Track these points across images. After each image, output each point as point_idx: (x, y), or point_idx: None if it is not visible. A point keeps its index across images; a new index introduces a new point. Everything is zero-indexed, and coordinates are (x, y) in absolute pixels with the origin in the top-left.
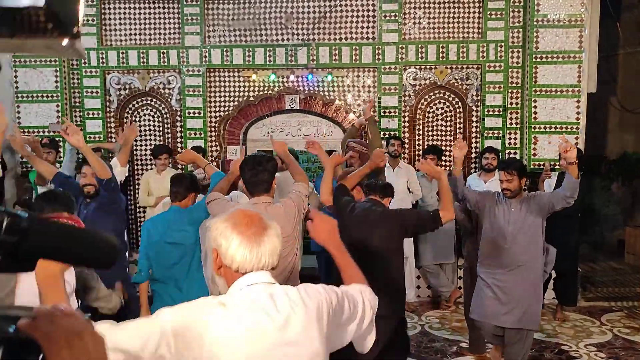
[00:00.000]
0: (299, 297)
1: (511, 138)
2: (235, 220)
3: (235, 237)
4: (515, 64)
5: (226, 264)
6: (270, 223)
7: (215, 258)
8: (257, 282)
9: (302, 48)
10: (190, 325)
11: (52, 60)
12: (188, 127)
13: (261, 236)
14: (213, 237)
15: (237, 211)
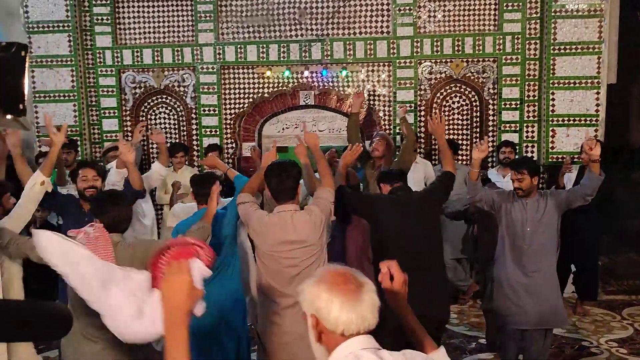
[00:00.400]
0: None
1: (528, 131)
2: (329, 279)
3: (335, 297)
4: (532, 56)
5: (329, 329)
6: (363, 279)
7: (314, 325)
8: (366, 348)
9: (317, 43)
10: None
11: (68, 60)
12: (203, 125)
13: (360, 293)
14: (309, 302)
15: (327, 271)
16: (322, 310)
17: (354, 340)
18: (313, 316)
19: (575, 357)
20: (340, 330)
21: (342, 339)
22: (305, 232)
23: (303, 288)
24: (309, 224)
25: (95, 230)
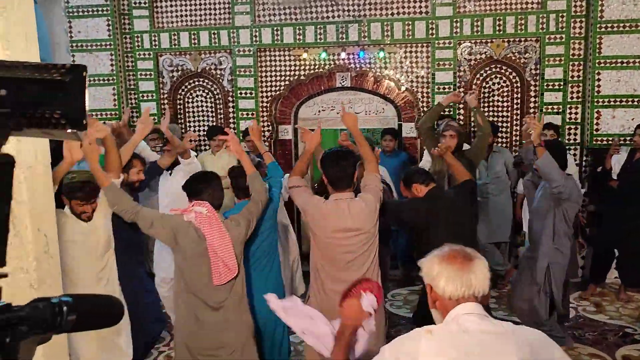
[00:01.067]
0: (512, 332)
1: (572, 113)
2: (442, 254)
3: (445, 268)
4: (577, 35)
5: (441, 296)
6: (475, 254)
7: (429, 293)
8: (471, 313)
9: (354, 25)
10: (403, 355)
11: (108, 44)
12: (240, 108)
13: (470, 265)
14: (425, 274)
15: (443, 249)
16: (435, 279)
17: (461, 306)
18: (429, 285)
19: (619, 344)
20: (447, 296)
21: (451, 305)
22: (361, 220)
23: (422, 262)
24: (365, 212)
25: (208, 211)
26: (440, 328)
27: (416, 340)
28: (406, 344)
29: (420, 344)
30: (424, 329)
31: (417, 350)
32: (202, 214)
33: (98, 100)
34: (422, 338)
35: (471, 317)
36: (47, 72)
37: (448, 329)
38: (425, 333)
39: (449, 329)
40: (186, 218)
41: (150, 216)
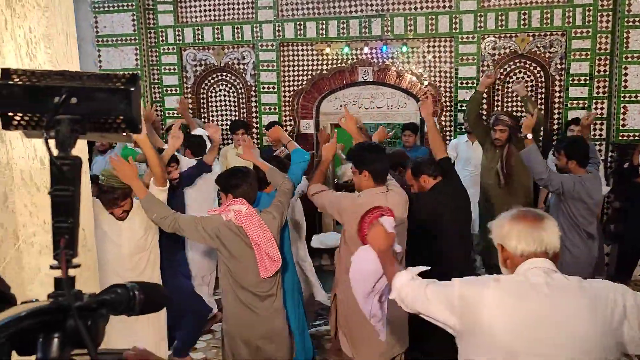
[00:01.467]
0: (579, 286)
1: (597, 108)
2: (512, 215)
3: (516, 226)
4: (604, 29)
5: (511, 252)
6: (544, 214)
7: (500, 252)
8: (540, 267)
9: (377, 19)
10: (470, 293)
11: (132, 39)
12: (263, 102)
13: (540, 223)
14: (496, 234)
15: (515, 210)
16: (506, 238)
17: (531, 261)
18: (499, 245)
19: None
20: (519, 253)
21: (522, 260)
22: (399, 211)
23: (492, 224)
24: (402, 203)
25: (247, 208)
26: (508, 278)
27: (484, 286)
28: (475, 286)
29: (487, 290)
30: (492, 277)
31: (482, 294)
32: (241, 212)
33: None
34: (490, 285)
35: (539, 272)
36: (111, 81)
37: (515, 279)
38: (493, 281)
39: (516, 280)
40: (225, 217)
41: (190, 222)
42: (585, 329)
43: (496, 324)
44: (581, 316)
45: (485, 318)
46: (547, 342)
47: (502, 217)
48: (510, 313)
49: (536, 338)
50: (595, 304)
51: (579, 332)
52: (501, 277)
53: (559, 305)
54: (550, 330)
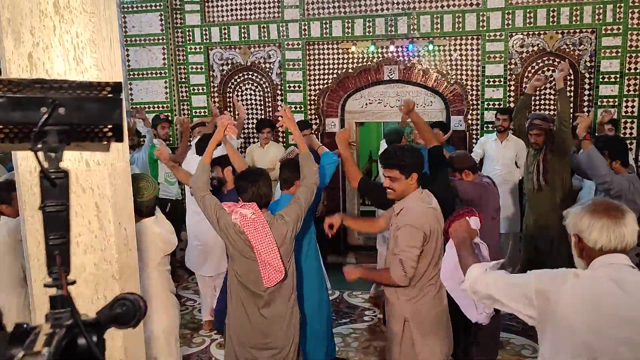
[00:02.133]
0: None
1: (628, 106)
2: (594, 207)
3: (597, 220)
4: (635, 26)
5: (590, 246)
6: (626, 208)
7: (576, 243)
8: (618, 263)
9: (403, 17)
10: (548, 288)
11: (160, 39)
12: (288, 101)
13: (622, 219)
14: (573, 224)
15: (592, 201)
16: (584, 232)
17: (609, 256)
18: (575, 236)
19: None
20: (598, 247)
21: (600, 254)
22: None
23: (569, 212)
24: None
25: (253, 213)
26: (587, 274)
27: (563, 279)
28: (553, 279)
29: (566, 284)
30: (571, 271)
31: (560, 290)
32: (246, 217)
33: (151, 94)
34: (568, 279)
35: (619, 268)
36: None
37: (595, 274)
38: (572, 276)
39: (595, 275)
40: (233, 218)
41: (212, 205)
42: None
43: (575, 321)
44: None
45: (565, 314)
46: (627, 341)
47: (582, 207)
48: (590, 311)
49: (616, 337)
50: None
51: None
52: (580, 272)
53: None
54: (629, 329)
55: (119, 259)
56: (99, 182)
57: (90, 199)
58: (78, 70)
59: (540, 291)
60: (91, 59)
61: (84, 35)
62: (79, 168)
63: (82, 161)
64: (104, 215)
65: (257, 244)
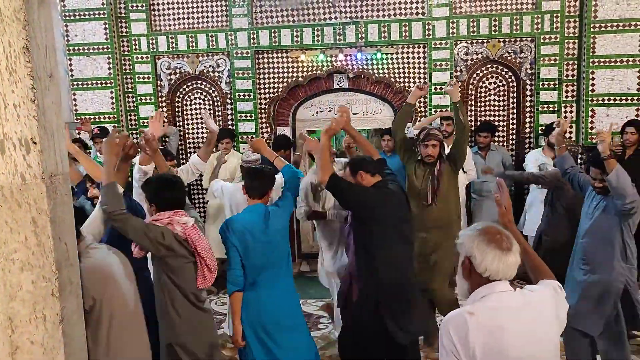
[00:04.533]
0: (537, 299)
1: (567, 112)
2: (489, 236)
3: (490, 250)
4: (571, 35)
5: (478, 272)
6: (513, 239)
7: (466, 265)
8: (501, 291)
9: (351, 26)
10: (460, 335)
11: (105, 48)
12: (238, 110)
13: (511, 251)
14: (467, 248)
15: (487, 226)
16: (477, 258)
17: (495, 285)
18: (467, 258)
19: None
20: (486, 275)
21: (485, 281)
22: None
23: (464, 234)
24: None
25: (189, 219)
26: (479, 307)
27: (462, 322)
28: (457, 327)
29: (468, 325)
30: (465, 310)
31: (466, 330)
32: (187, 225)
33: (96, 104)
34: (467, 320)
35: (505, 295)
36: None
37: (486, 306)
38: (468, 315)
39: (487, 307)
40: (174, 230)
41: (139, 226)
42: (554, 338)
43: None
44: (551, 325)
45: (477, 353)
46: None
47: (477, 232)
48: (494, 342)
49: (526, 357)
50: (558, 313)
51: (553, 339)
52: (473, 309)
53: (533, 323)
54: (531, 348)
55: (59, 276)
56: (35, 196)
57: (26, 214)
58: (11, 80)
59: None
60: (25, 69)
61: (17, 44)
62: (14, 182)
63: (17, 175)
64: (42, 231)
65: (203, 247)
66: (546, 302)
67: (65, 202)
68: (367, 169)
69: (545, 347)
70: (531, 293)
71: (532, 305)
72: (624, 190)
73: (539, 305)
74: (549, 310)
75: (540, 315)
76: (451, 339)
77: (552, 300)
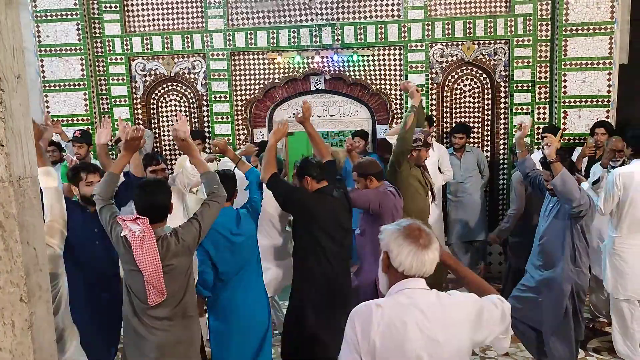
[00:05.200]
0: (451, 302)
1: (540, 113)
2: (407, 232)
3: (407, 246)
4: (544, 38)
5: (394, 266)
6: (434, 238)
7: (385, 259)
8: (416, 287)
9: (327, 28)
10: (364, 327)
11: (78, 49)
12: (215, 112)
13: (428, 248)
14: (386, 242)
15: (409, 223)
16: (393, 252)
17: (409, 281)
18: (385, 253)
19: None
20: (401, 270)
21: (401, 277)
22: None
23: (386, 228)
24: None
25: (142, 229)
26: (388, 301)
27: (369, 314)
28: (364, 319)
29: (372, 317)
30: (374, 303)
31: (370, 322)
32: (134, 233)
33: (69, 106)
34: (373, 311)
35: (417, 292)
36: None
37: (396, 301)
38: (375, 307)
39: (396, 301)
40: (122, 233)
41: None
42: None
43: (388, 348)
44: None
45: (378, 345)
46: (433, 357)
47: (397, 228)
48: (397, 336)
49: (421, 356)
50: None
51: (457, 343)
52: (381, 302)
53: (442, 323)
54: (431, 347)
55: (27, 281)
56: (3, 199)
57: None
58: None
59: (361, 332)
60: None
61: None
62: None
63: None
64: (10, 235)
65: (141, 262)
66: (461, 308)
67: (34, 206)
68: (312, 174)
69: (445, 351)
70: (448, 296)
71: (443, 307)
72: (570, 194)
73: (451, 308)
74: (460, 316)
75: (448, 319)
76: (354, 330)
77: (470, 306)
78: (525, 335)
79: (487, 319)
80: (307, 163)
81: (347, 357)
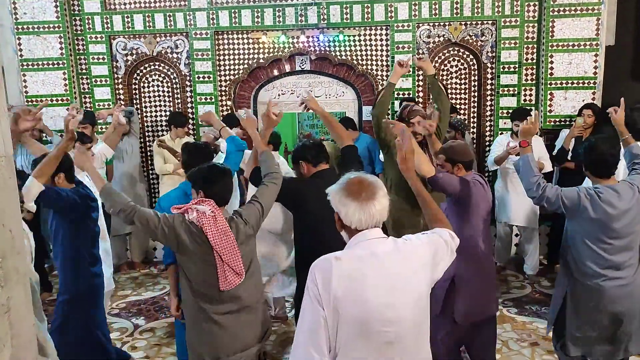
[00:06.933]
0: (407, 249)
1: (527, 95)
2: (348, 189)
3: (350, 202)
4: (531, 19)
5: (346, 224)
6: (377, 186)
7: (337, 219)
8: (372, 238)
9: (313, 7)
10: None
11: (56, 27)
12: (198, 92)
13: (372, 200)
14: (333, 204)
15: (350, 179)
16: (342, 212)
17: (364, 232)
18: (336, 213)
19: None
20: (353, 227)
21: (355, 232)
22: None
23: (331, 189)
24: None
25: (211, 209)
26: (347, 254)
27: (329, 266)
28: (320, 270)
29: (332, 269)
30: (333, 256)
31: (330, 275)
32: (204, 214)
33: (47, 85)
34: (332, 264)
35: (374, 242)
36: None
37: (354, 253)
38: (334, 260)
39: (354, 254)
40: (188, 218)
41: (149, 216)
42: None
43: (347, 299)
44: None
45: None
46: (390, 306)
47: (339, 187)
48: (356, 286)
49: (381, 303)
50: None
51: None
52: (340, 255)
53: (399, 270)
54: (391, 295)
55: (3, 264)
56: None
57: None
58: None
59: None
60: None
61: None
62: None
63: None
64: None
65: (217, 243)
66: (418, 251)
67: (10, 186)
68: (307, 158)
69: (406, 297)
70: (404, 242)
71: (400, 253)
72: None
73: (409, 254)
74: (418, 260)
75: (406, 264)
76: (316, 284)
77: (426, 249)
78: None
79: (440, 257)
80: (302, 146)
81: (309, 307)
